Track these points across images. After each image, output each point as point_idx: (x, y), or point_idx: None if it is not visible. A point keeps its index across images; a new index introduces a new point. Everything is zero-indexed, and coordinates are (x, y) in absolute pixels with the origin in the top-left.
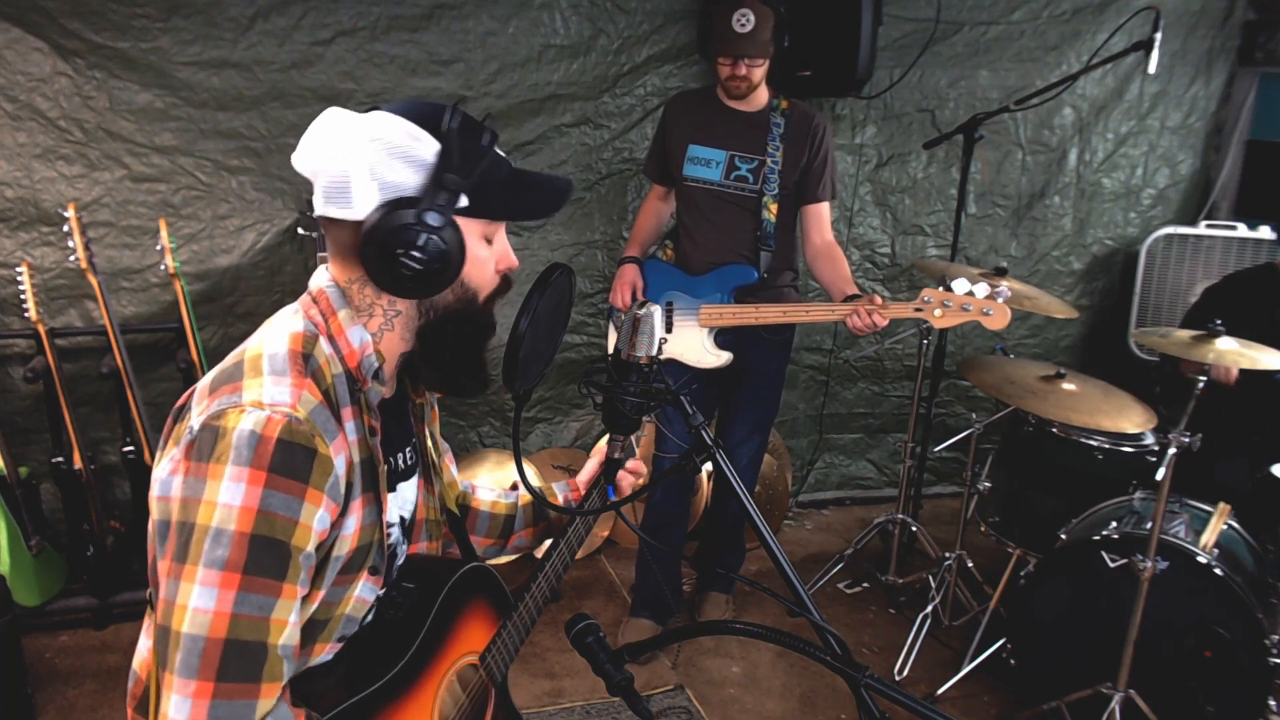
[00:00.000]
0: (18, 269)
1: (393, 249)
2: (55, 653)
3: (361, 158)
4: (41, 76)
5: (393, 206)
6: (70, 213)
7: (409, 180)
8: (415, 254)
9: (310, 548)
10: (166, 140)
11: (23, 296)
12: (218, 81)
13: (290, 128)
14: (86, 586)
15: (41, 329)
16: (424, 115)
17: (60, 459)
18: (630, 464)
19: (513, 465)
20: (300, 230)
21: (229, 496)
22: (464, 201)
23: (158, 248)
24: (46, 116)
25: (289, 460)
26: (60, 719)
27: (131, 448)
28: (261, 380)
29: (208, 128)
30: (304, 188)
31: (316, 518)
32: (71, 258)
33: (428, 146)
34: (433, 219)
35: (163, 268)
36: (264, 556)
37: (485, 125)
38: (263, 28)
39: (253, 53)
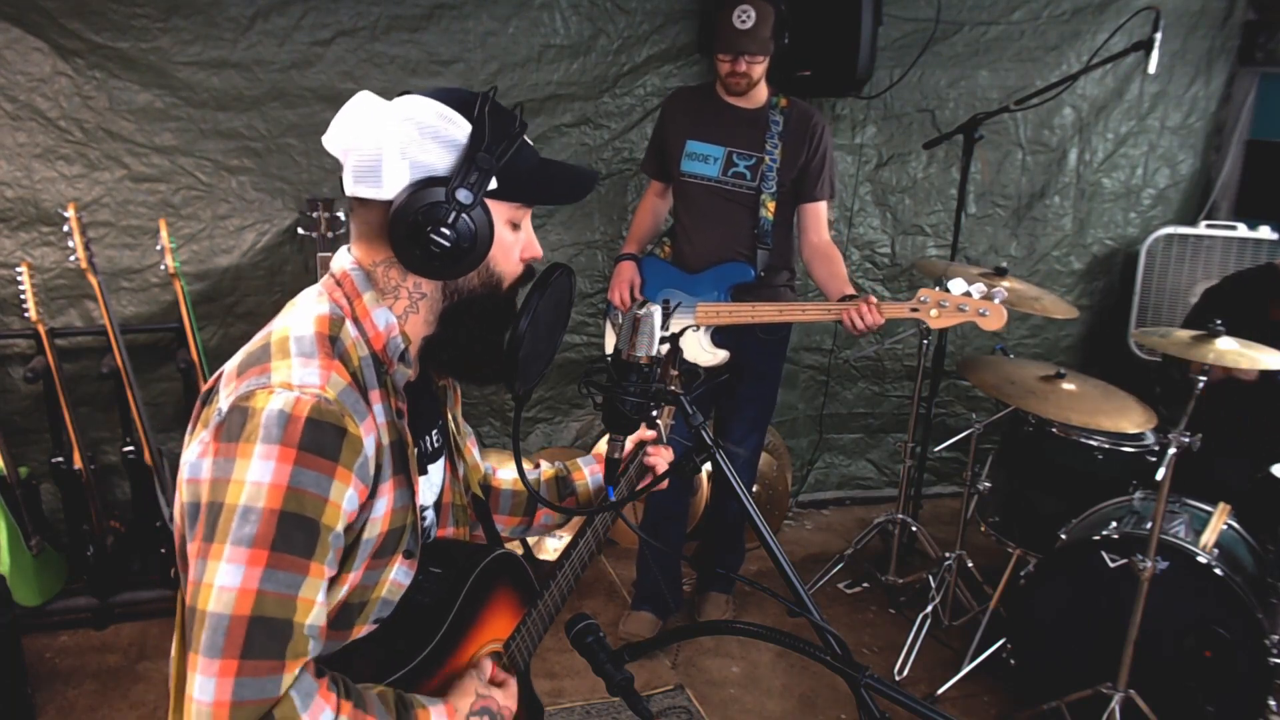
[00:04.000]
0: (18, 269)
1: (423, 227)
2: (55, 653)
3: (394, 137)
4: (41, 76)
5: (423, 185)
6: (70, 213)
7: (440, 160)
8: (445, 231)
9: (339, 527)
10: (166, 140)
11: (23, 296)
12: (218, 81)
13: (290, 128)
14: (86, 586)
15: (41, 329)
16: (457, 99)
17: (60, 459)
18: (660, 453)
19: (513, 465)
20: (300, 230)
21: (258, 474)
22: (493, 184)
23: (158, 248)
24: (46, 116)
25: (319, 439)
26: (60, 719)
27: (131, 448)
28: (289, 362)
29: (208, 128)
30: (304, 188)
31: (346, 497)
32: (71, 258)
33: (460, 128)
34: (464, 197)
35: (163, 268)
36: (293, 534)
37: (516, 113)
38: (263, 28)
39: (253, 53)
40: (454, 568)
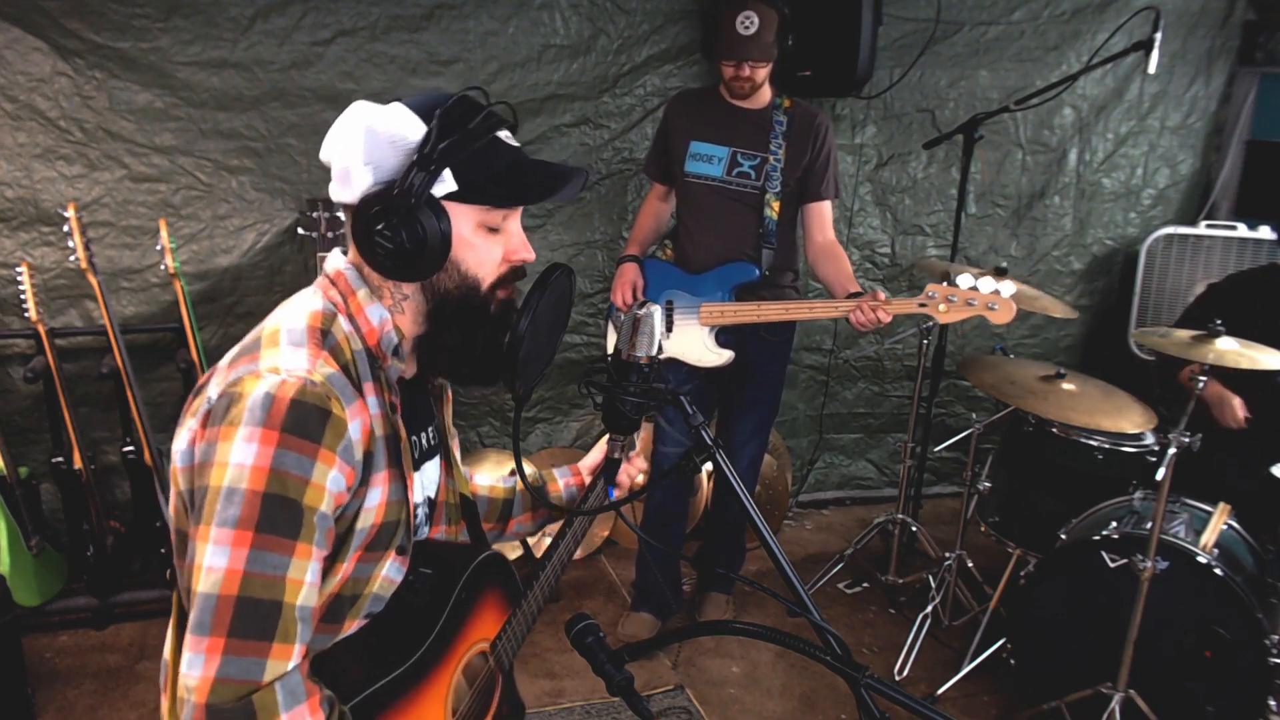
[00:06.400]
0: (18, 269)
1: (371, 228)
2: (55, 653)
3: (359, 143)
4: (41, 76)
5: (378, 189)
6: (70, 213)
7: (394, 163)
8: (387, 232)
9: (325, 508)
10: (166, 140)
11: (23, 296)
12: (218, 81)
13: (290, 128)
14: (86, 586)
15: (41, 329)
16: (425, 104)
17: (60, 459)
18: (632, 462)
19: (512, 464)
20: (300, 230)
21: (241, 456)
22: (450, 184)
23: (158, 248)
24: (46, 116)
25: (301, 420)
26: (60, 719)
27: (131, 448)
28: (279, 350)
29: (208, 128)
30: (304, 188)
31: (330, 478)
32: (71, 258)
33: (415, 131)
34: (405, 198)
35: (163, 268)
36: (277, 515)
37: (489, 111)
38: (263, 28)
39: (253, 53)
40: (445, 569)
